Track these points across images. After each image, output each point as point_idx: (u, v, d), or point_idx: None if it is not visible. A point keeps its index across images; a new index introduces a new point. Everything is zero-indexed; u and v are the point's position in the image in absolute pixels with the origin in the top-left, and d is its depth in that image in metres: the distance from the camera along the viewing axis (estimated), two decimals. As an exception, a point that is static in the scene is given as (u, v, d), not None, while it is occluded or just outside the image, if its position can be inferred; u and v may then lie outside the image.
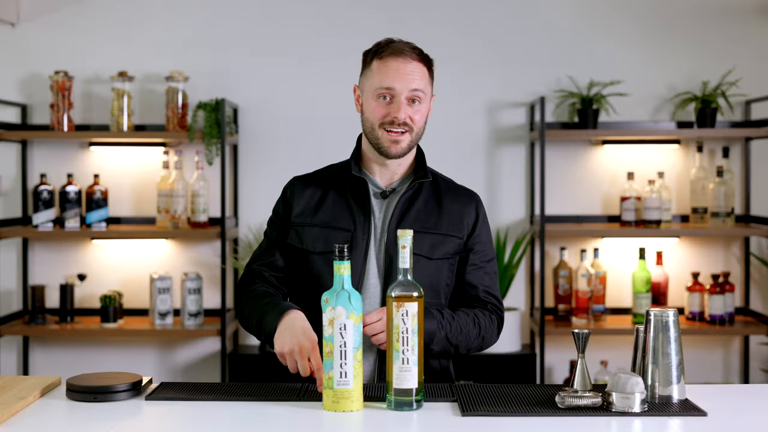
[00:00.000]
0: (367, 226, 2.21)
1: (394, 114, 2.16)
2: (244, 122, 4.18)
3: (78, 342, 4.19)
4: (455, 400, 1.93)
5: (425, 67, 2.21)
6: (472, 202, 2.30)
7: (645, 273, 3.98)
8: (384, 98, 2.18)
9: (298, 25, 4.16)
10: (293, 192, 2.30)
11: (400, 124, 2.17)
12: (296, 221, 2.26)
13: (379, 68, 2.18)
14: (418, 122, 2.20)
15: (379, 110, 2.18)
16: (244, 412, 1.86)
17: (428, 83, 2.22)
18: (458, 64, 4.15)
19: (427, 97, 2.22)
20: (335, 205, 2.25)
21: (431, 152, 3.25)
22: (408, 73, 2.17)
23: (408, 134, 2.19)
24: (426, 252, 2.20)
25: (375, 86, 2.18)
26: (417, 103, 2.19)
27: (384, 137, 2.19)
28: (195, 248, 4.18)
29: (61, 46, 4.16)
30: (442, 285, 2.23)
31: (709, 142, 4.14)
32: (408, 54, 2.18)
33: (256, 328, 2.15)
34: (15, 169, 4.17)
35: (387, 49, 2.19)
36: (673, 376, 1.91)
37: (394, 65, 2.17)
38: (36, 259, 4.20)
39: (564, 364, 4.16)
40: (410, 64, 2.18)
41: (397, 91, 2.17)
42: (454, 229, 2.25)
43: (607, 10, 4.16)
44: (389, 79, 2.17)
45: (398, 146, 2.19)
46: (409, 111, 2.18)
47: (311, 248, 2.22)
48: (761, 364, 4.15)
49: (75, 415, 1.86)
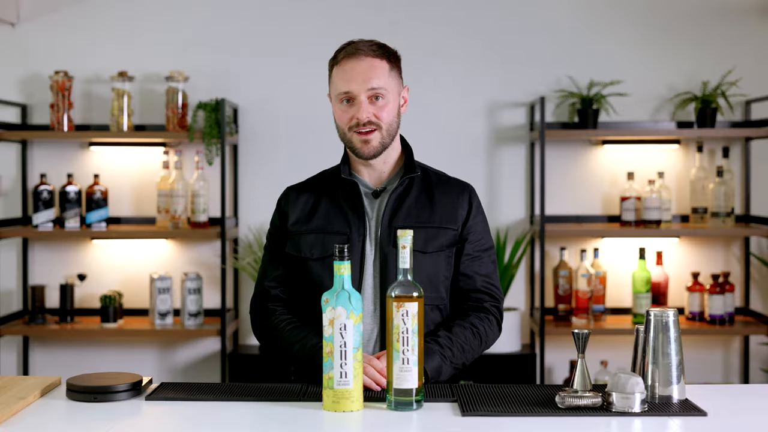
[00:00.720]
0: (362, 227, 2.21)
1: (357, 115, 2.17)
2: (244, 122, 4.18)
3: (78, 342, 4.19)
4: (455, 400, 1.93)
5: (384, 61, 2.19)
6: (464, 193, 2.30)
7: (645, 273, 3.98)
8: (346, 102, 2.18)
9: (298, 25, 4.16)
10: (287, 202, 2.31)
11: (365, 123, 2.17)
12: (292, 230, 2.27)
13: (337, 73, 2.19)
14: (385, 118, 2.19)
15: (343, 115, 2.19)
16: (244, 412, 1.86)
17: (390, 77, 2.19)
18: (458, 64, 4.15)
19: (392, 91, 2.20)
20: (329, 210, 2.25)
21: (432, 152, 3.26)
22: (363, 72, 2.16)
23: (377, 132, 2.18)
24: (420, 246, 2.20)
25: (336, 92, 2.20)
26: (380, 99, 2.18)
27: (355, 139, 2.19)
28: (195, 248, 4.18)
29: (61, 46, 4.16)
30: (440, 278, 2.23)
31: (709, 142, 4.14)
32: (363, 53, 2.17)
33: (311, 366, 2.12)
34: (15, 169, 4.17)
35: (342, 52, 2.20)
36: (673, 376, 1.91)
37: (348, 67, 2.17)
38: (36, 259, 4.20)
39: (564, 364, 4.16)
40: (363, 62, 2.17)
41: (354, 92, 2.17)
42: (448, 221, 2.25)
43: (607, 10, 4.16)
44: (345, 83, 2.17)
45: (369, 145, 2.19)
46: (372, 109, 2.17)
47: (309, 255, 2.22)
48: (761, 364, 4.15)
49: (75, 415, 1.86)
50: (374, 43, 2.21)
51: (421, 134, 3.95)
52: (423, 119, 4.10)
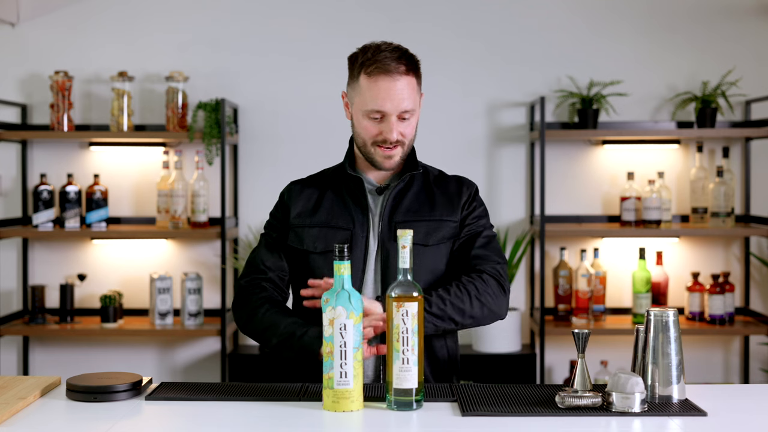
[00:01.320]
0: (366, 223, 2.22)
1: (386, 134, 2.17)
2: (244, 122, 4.18)
3: (78, 342, 4.19)
4: (455, 400, 1.93)
5: (413, 77, 2.18)
6: (464, 187, 2.31)
7: (645, 273, 3.98)
8: (375, 118, 2.18)
9: (298, 24, 4.16)
10: (291, 195, 2.31)
11: (393, 142, 2.17)
12: (295, 222, 2.27)
13: (369, 87, 2.15)
14: (408, 134, 2.21)
15: (370, 129, 2.19)
16: (244, 412, 1.86)
17: (417, 92, 2.21)
18: (458, 64, 4.15)
19: (417, 107, 2.22)
20: (333, 205, 2.26)
21: (432, 152, 3.26)
22: (398, 93, 2.14)
23: (400, 147, 2.20)
24: (421, 239, 2.21)
25: (365, 106, 2.17)
26: (407, 118, 2.19)
27: (377, 153, 2.20)
28: (195, 248, 4.18)
29: (61, 46, 4.17)
30: (443, 271, 2.23)
31: (709, 142, 4.14)
32: (395, 69, 2.13)
33: (287, 344, 2.11)
34: (15, 169, 4.17)
35: (374, 63, 2.14)
36: (673, 376, 1.91)
37: (384, 86, 2.14)
38: (36, 259, 4.20)
39: (564, 364, 4.16)
40: (399, 81, 2.14)
41: (388, 113, 2.16)
42: (448, 213, 2.26)
43: (607, 10, 4.16)
44: (379, 102, 2.14)
45: (392, 160, 2.21)
46: (400, 128, 2.18)
47: (312, 248, 2.23)
48: (761, 364, 4.15)
49: (75, 415, 1.86)
50: (402, 54, 2.16)
51: (422, 134, 3.93)
52: (423, 119, 4.05)
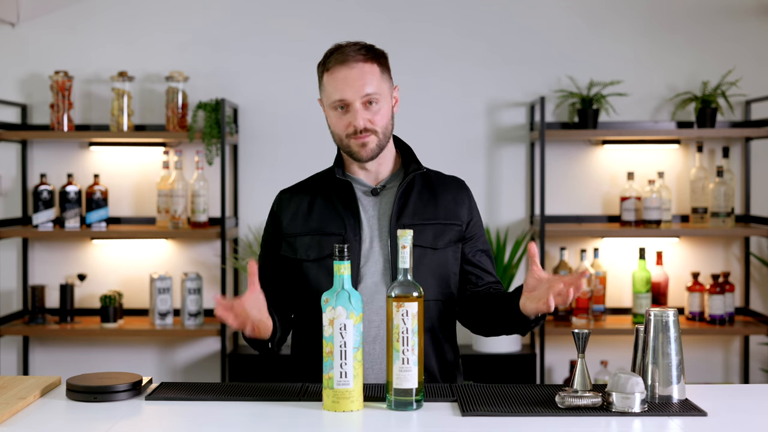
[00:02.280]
0: (358, 228, 2.21)
1: (353, 123, 2.17)
2: (244, 122, 4.18)
3: (78, 342, 4.19)
4: (455, 400, 1.93)
5: (375, 64, 2.19)
6: (463, 190, 2.32)
7: (645, 273, 3.98)
8: (341, 108, 2.18)
9: (298, 24, 4.16)
10: (280, 205, 2.31)
11: (361, 130, 2.17)
12: (287, 232, 2.26)
13: (329, 80, 2.18)
14: (379, 122, 2.19)
15: (339, 122, 2.19)
16: (244, 412, 1.86)
17: (381, 80, 2.19)
18: (458, 64, 4.15)
19: (385, 94, 2.20)
20: (323, 211, 2.25)
21: (432, 152, 3.26)
22: (356, 80, 2.15)
23: (373, 135, 2.19)
24: (430, 243, 2.21)
25: (330, 100, 2.19)
26: (374, 104, 2.18)
27: (352, 144, 2.19)
28: (195, 248, 4.18)
29: (61, 46, 4.17)
30: (449, 274, 2.24)
31: (709, 142, 4.14)
32: (352, 58, 2.16)
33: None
34: (15, 169, 4.17)
35: (332, 58, 2.18)
36: (673, 376, 1.91)
37: (341, 75, 2.16)
38: (36, 259, 4.20)
39: (564, 364, 4.16)
40: (355, 68, 2.16)
41: (349, 100, 2.16)
42: (453, 216, 2.26)
43: (607, 10, 4.16)
44: (339, 91, 2.16)
45: (367, 148, 2.19)
46: (367, 115, 2.17)
47: (305, 256, 2.22)
48: (761, 364, 4.15)
49: (75, 415, 1.86)
50: (362, 46, 2.19)
51: (421, 134, 3.96)
52: (423, 119, 4.10)
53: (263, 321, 2.02)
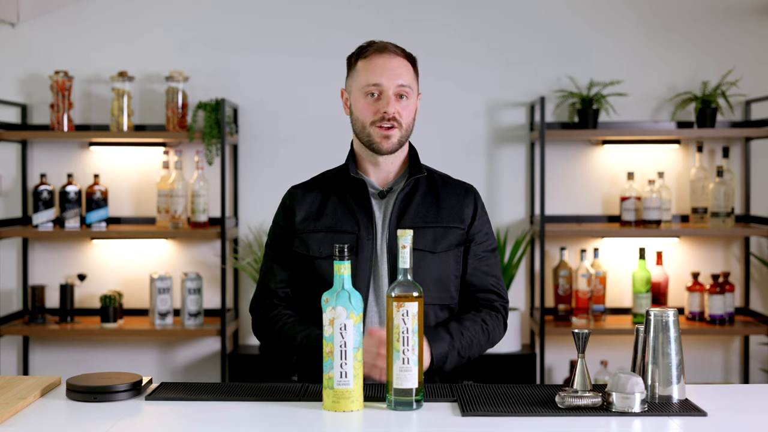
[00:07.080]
0: (371, 226, 2.21)
1: (384, 109, 2.19)
2: (244, 122, 4.18)
3: (78, 342, 4.19)
4: (455, 400, 1.93)
5: (410, 64, 2.26)
6: (469, 194, 2.32)
7: (645, 273, 3.98)
8: (372, 95, 2.21)
9: (299, 24, 4.16)
10: (293, 200, 2.30)
11: (390, 119, 2.19)
12: (300, 228, 2.26)
13: (365, 67, 2.22)
14: (406, 118, 2.22)
15: (368, 108, 2.21)
16: (244, 412, 1.86)
17: (414, 79, 2.25)
18: (458, 64, 4.15)
19: (414, 93, 2.25)
20: (337, 209, 2.25)
21: (432, 152, 3.26)
22: (394, 69, 2.21)
23: (397, 129, 2.21)
24: (429, 247, 2.21)
25: (362, 84, 2.21)
26: (404, 98, 2.22)
27: (375, 133, 2.20)
28: (195, 248, 4.18)
29: (61, 46, 4.17)
30: (450, 278, 2.24)
31: (709, 142, 4.14)
32: (392, 51, 2.23)
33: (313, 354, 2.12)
34: (15, 169, 4.17)
35: (371, 48, 2.24)
36: (673, 376, 1.91)
37: (379, 62, 2.21)
38: (36, 259, 4.20)
39: (564, 364, 4.16)
40: (395, 59, 2.22)
41: (384, 86, 2.20)
42: (455, 220, 2.26)
43: (607, 10, 4.16)
44: (376, 76, 2.20)
45: (389, 141, 2.21)
46: (398, 106, 2.21)
47: (317, 254, 2.22)
48: (761, 364, 4.15)
49: (75, 415, 1.86)
50: (400, 48, 2.26)
51: (421, 134, 3.94)
52: (423, 119, 4.07)
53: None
